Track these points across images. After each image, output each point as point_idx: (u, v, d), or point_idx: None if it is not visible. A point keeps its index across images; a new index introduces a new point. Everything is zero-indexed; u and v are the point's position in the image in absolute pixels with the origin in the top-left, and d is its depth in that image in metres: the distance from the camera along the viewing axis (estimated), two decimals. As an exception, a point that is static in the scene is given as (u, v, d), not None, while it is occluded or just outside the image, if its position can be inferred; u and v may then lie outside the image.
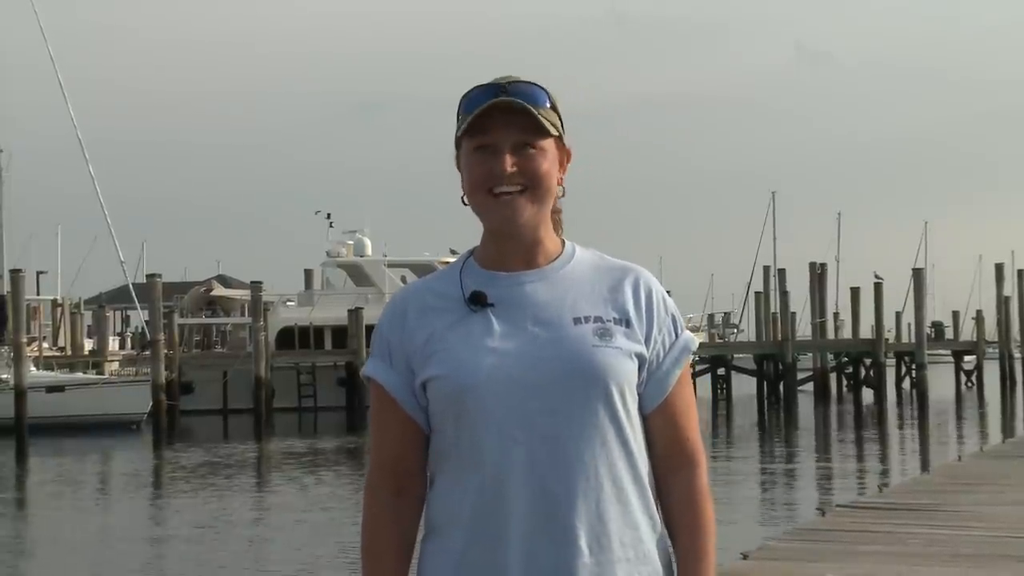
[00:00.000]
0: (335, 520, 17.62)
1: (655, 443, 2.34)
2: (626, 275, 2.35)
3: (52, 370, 41.68)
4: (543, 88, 2.32)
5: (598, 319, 2.29)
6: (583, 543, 2.23)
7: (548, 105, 2.31)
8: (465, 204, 2.34)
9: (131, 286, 42.32)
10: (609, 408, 2.25)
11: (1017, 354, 59.89)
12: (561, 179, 2.35)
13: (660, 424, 2.33)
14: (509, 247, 2.33)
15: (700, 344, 2.47)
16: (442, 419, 2.29)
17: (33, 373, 38.08)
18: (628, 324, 2.30)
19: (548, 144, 2.31)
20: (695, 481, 2.35)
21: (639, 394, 2.31)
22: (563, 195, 2.37)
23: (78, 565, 15.11)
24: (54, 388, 37.82)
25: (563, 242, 2.38)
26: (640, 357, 2.30)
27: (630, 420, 2.29)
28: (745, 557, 8.71)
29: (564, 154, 2.36)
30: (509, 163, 2.27)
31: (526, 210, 2.28)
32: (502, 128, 2.28)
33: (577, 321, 2.28)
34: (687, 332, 2.37)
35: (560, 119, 2.34)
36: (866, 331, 54.94)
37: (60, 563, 15.23)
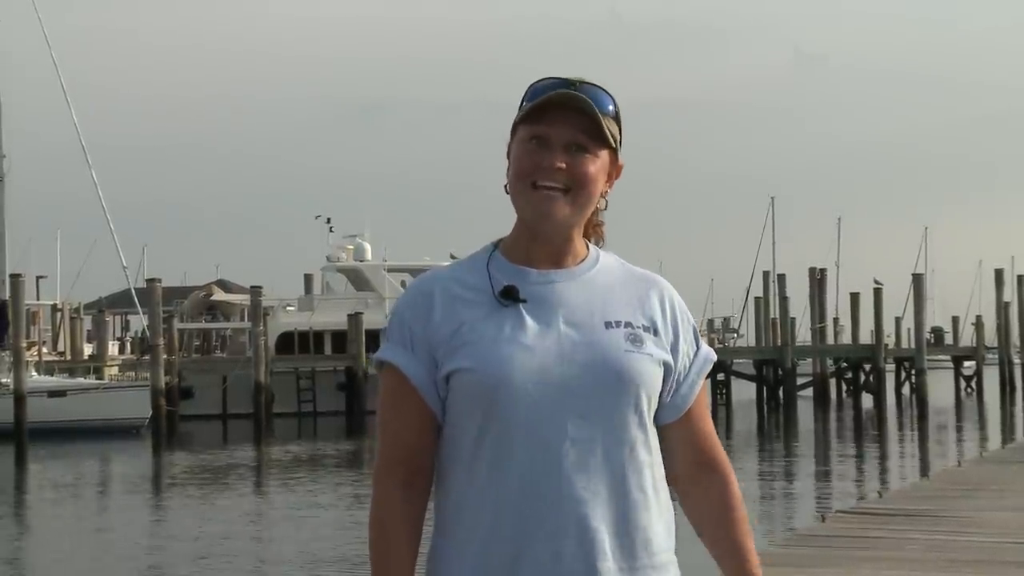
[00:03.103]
0: (335, 524, 17.63)
1: (683, 452, 2.33)
2: (651, 286, 2.34)
3: (52, 375, 41.69)
4: (612, 96, 2.28)
5: (628, 324, 2.26)
6: (608, 548, 2.19)
7: (612, 113, 2.28)
8: (507, 192, 2.29)
9: (133, 291, 42.30)
10: (637, 414, 2.23)
11: (1017, 359, 59.93)
12: (606, 191, 2.31)
13: (686, 433, 2.33)
14: (540, 244, 2.29)
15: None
16: (464, 414, 2.22)
17: (34, 378, 38.12)
18: (656, 332, 2.28)
19: (602, 152, 2.26)
20: (734, 485, 2.37)
21: (663, 403, 2.31)
22: (605, 208, 2.35)
23: (78, 570, 15.12)
24: (55, 393, 37.76)
25: (587, 245, 2.34)
26: (666, 366, 2.29)
27: (651, 427, 2.28)
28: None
29: (615, 168, 2.31)
30: (559, 160, 2.23)
31: (563, 211, 2.24)
32: (561, 124, 2.23)
33: (608, 325, 2.25)
34: (705, 343, 2.39)
35: (620, 132, 2.29)
36: (866, 336, 55.04)
37: (60, 567, 15.25)
